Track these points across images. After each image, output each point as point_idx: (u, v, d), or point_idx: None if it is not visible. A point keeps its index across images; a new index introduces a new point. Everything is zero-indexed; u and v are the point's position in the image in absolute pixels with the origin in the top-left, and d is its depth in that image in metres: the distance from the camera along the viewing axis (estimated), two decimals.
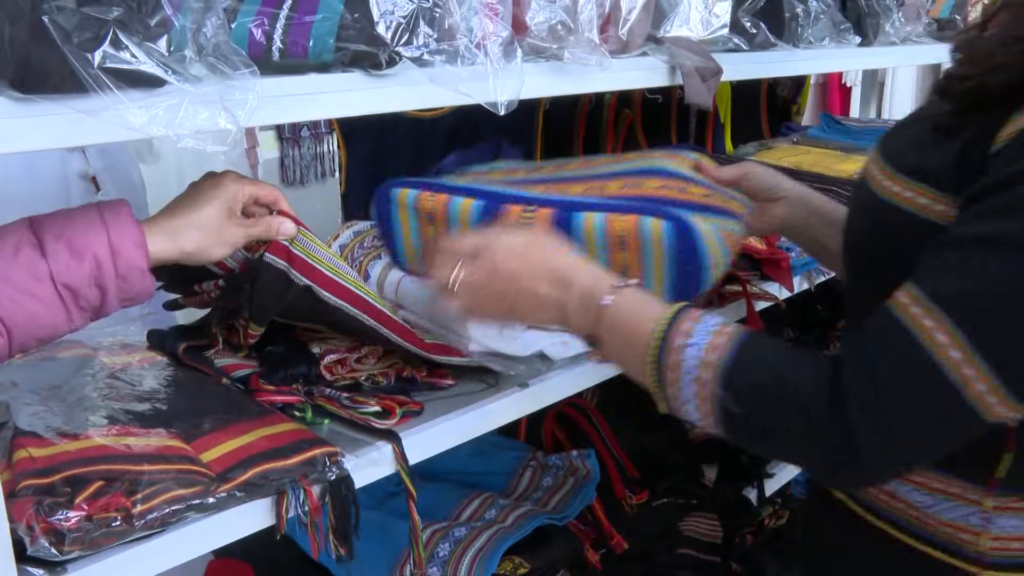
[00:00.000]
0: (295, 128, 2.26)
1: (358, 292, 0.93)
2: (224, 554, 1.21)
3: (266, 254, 0.88)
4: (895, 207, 0.85)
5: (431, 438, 0.93)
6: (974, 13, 1.77)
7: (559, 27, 0.95)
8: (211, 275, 0.96)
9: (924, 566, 0.89)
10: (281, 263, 0.88)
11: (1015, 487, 0.84)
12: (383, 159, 1.67)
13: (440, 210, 1.04)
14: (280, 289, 0.89)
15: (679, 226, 0.93)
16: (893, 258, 0.82)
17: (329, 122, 1.71)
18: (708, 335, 0.79)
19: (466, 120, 1.62)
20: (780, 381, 0.76)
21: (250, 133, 2.11)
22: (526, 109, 1.62)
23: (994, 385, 0.70)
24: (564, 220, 0.98)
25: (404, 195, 1.07)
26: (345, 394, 0.93)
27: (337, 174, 1.95)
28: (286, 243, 0.88)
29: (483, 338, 0.99)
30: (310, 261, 0.89)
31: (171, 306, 1.04)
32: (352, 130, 1.75)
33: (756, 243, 1.36)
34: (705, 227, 0.95)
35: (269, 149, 2.32)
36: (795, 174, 1.30)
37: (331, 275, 0.91)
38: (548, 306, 0.84)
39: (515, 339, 1.00)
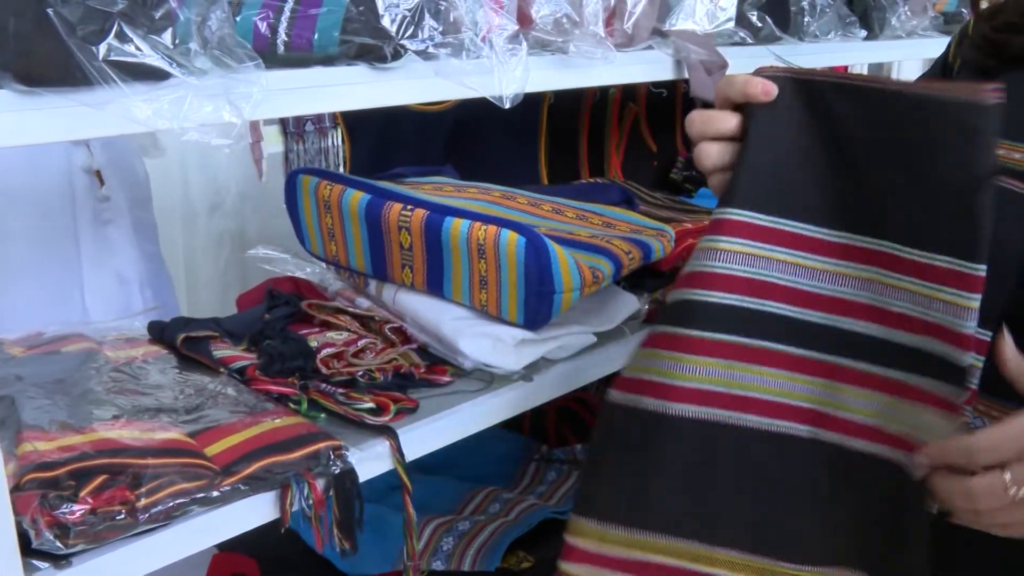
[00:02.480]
0: (299, 122, 2.26)
1: None
2: (228, 548, 1.21)
3: None
4: None
5: (430, 434, 0.93)
6: (983, 5, 1.76)
7: (564, 20, 0.95)
8: None
9: None
10: None
11: None
12: (387, 153, 1.67)
13: (334, 200, 1.08)
14: None
15: (533, 243, 0.95)
16: None
17: (333, 116, 1.71)
18: None
19: (470, 114, 1.62)
20: None
21: (254, 127, 2.11)
22: (531, 103, 1.62)
23: None
24: (435, 222, 1.00)
25: (307, 181, 1.12)
26: (340, 390, 0.93)
27: (342, 168, 1.94)
28: None
29: (476, 354, 0.99)
30: None
31: None
32: (356, 124, 1.74)
33: None
34: (562, 253, 0.96)
35: (273, 143, 2.31)
36: None
37: None
38: None
39: (509, 353, 1.00)
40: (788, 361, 0.75)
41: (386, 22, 0.81)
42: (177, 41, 0.68)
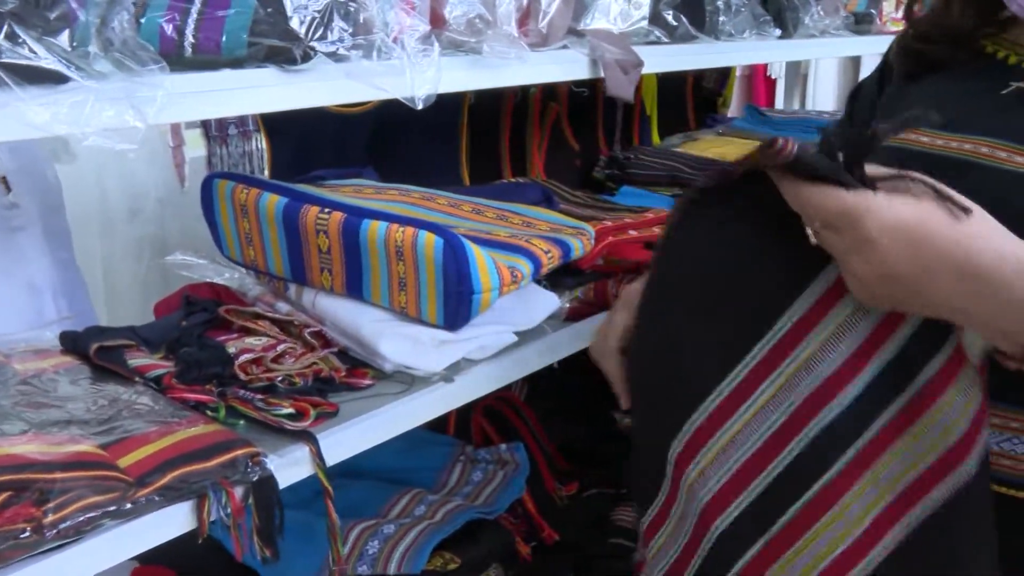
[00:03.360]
0: (222, 125, 2.22)
1: None
2: (148, 560, 1.19)
3: None
4: None
5: (351, 438, 0.92)
6: (888, 7, 1.81)
7: (477, 20, 0.95)
8: None
9: None
10: None
11: None
12: (309, 156, 1.65)
13: (251, 204, 1.08)
14: None
15: (451, 244, 0.95)
16: None
17: (256, 119, 1.68)
18: None
19: (392, 115, 1.61)
20: None
21: (176, 131, 2.07)
22: (451, 104, 1.62)
23: None
24: (353, 225, 1.00)
25: (223, 186, 1.11)
26: (259, 395, 0.92)
27: (266, 172, 1.92)
28: None
29: (396, 356, 0.99)
30: None
31: None
32: (277, 127, 1.72)
33: None
34: (480, 253, 0.97)
35: (196, 147, 2.27)
36: None
37: None
38: (955, 307, 0.67)
39: (429, 354, 1.00)
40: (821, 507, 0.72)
41: (295, 24, 0.80)
42: (75, 43, 0.66)
